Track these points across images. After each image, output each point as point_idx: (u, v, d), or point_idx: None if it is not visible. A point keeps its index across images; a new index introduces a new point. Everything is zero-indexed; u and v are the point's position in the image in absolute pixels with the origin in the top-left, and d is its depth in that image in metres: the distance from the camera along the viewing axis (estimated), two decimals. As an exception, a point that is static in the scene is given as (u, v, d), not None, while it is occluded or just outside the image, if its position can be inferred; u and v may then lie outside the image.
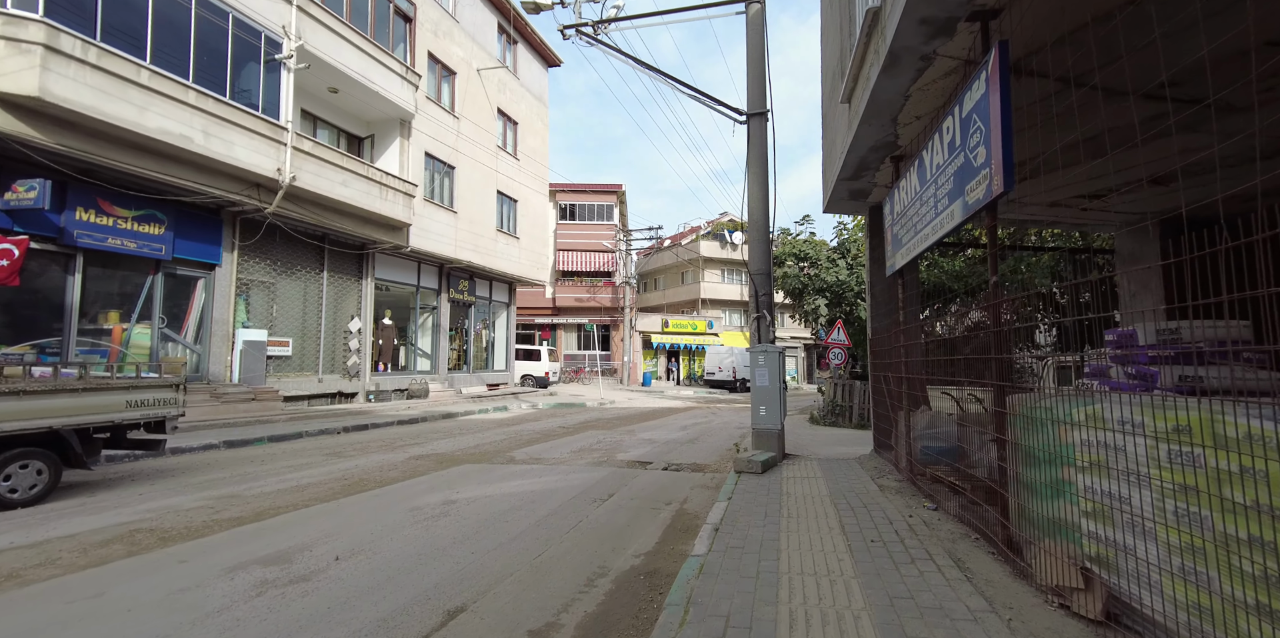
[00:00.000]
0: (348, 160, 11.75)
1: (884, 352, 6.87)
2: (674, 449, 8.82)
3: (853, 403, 14.22)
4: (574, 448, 8.63)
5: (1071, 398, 2.81)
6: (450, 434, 10.15)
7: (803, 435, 11.19)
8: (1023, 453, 3.11)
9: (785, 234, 17.15)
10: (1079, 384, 4.69)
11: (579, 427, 11.66)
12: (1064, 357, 4.49)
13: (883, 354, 6.94)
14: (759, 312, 7.56)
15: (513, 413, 14.53)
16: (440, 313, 16.72)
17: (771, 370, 6.81)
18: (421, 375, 16.21)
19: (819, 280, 15.90)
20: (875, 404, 7.31)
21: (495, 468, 6.97)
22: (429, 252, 15.04)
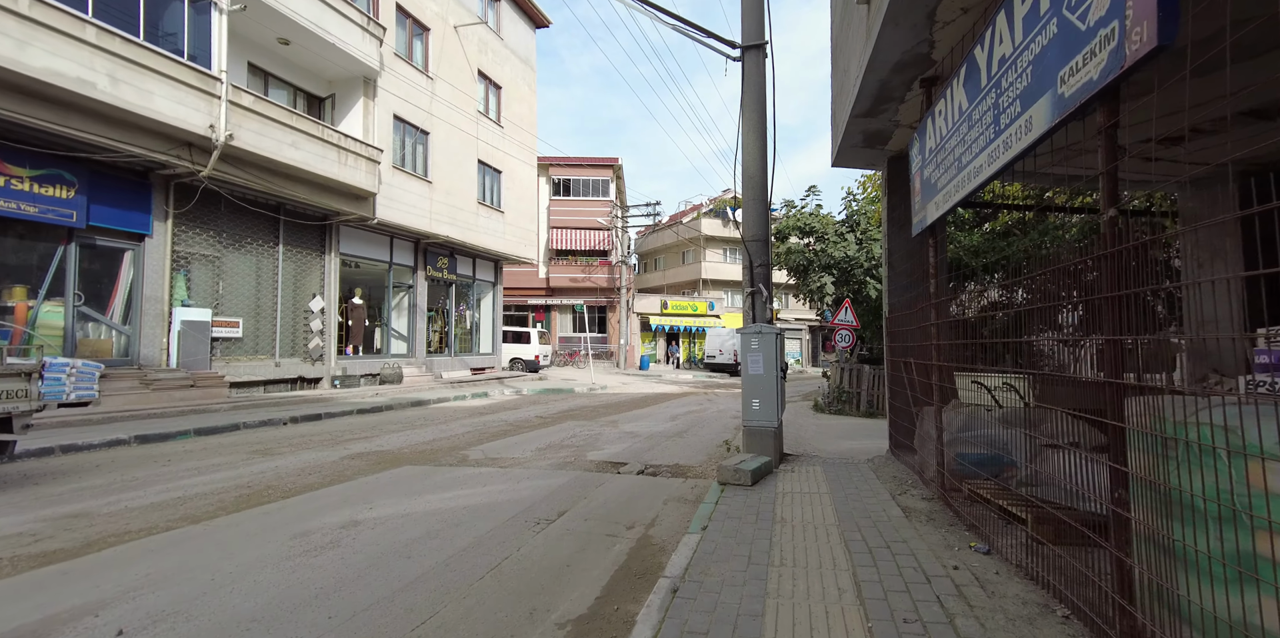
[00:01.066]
0: (297, 119, 10.46)
1: (906, 333, 5.66)
2: (657, 445, 7.71)
3: (860, 389, 13.07)
4: (542, 444, 7.53)
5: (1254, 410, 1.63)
6: (410, 426, 9.07)
7: (805, 427, 10.06)
8: (1158, 495, 1.93)
9: (789, 207, 15.82)
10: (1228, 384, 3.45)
11: (558, 417, 10.57)
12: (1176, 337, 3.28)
13: (904, 335, 5.73)
14: (753, 286, 6.35)
15: (491, 400, 13.45)
16: (416, 292, 15.56)
17: (768, 355, 5.63)
18: (396, 359, 15.12)
19: (825, 256, 14.62)
20: (892, 395, 6.14)
21: (438, 472, 5.87)
22: (400, 225, 13.81)
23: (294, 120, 10.37)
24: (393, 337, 15.61)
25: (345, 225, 13.10)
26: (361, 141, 12.01)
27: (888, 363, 6.20)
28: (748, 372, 5.67)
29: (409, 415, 10.34)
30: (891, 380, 6.03)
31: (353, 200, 12.31)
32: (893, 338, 6.05)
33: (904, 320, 5.74)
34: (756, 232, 6.44)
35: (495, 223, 17.69)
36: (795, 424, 10.35)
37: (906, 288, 6.00)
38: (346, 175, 11.61)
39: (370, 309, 15.89)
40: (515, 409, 11.63)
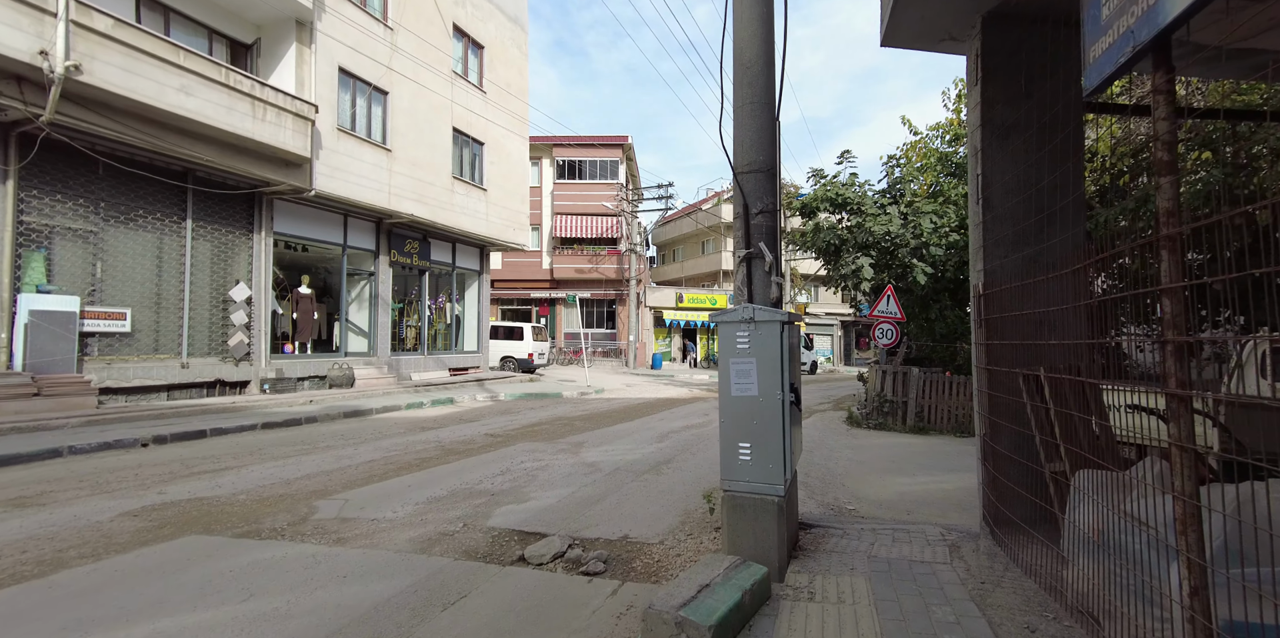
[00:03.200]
0: (186, 57, 8.31)
1: (1025, 321, 3.09)
2: (617, 489, 5.27)
3: (908, 397, 10.39)
4: (444, 490, 5.16)
5: None
6: (309, 449, 6.84)
7: (837, 452, 7.47)
8: None
9: (818, 177, 13.12)
10: None
11: (515, 434, 8.22)
12: None
13: (1021, 326, 3.16)
14: (750, 245, 3.85)
15: (453, 409, 11.20)
16: (379, 280, 13.42)
17: (767, 361, 3.10)
18: (355, 358, 13.02)
19: (862, 233, 11.91)
20: (992, 432, 3.53)
21: (218, 554, 3.56)
22: (349, 199, 11.64)
23: (182, 58, 8.22)
24: (351, 332, 13.52)
25: (279, 199, 10.99)
26: (287, 94, 9.83)
27: (981, 374, 3.60)
28: (729, 392, 3.17)
29: (327, 432, 8.14)
30: (992, 406, 3.45)
31: (282, 167, 10.17)
32: (993, 330, 3.46)
33: (1021, 299, 3.15)
34: (756, 157, 3.92)
35: (475, 202, 15.45)
36: (823, 447, 7.78)
37: (1025, 239, 3.41)
38: (267, 134, 9.45)
39: (324, 300, 13.84)
40: (471, 422, 9.34)
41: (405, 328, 15.05)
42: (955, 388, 10.28)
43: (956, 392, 10.28)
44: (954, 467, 6.94)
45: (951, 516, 4.87)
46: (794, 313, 3.26)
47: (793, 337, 3.28)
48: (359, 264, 13.45)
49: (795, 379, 3.31)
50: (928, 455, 7.66)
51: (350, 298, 13.64)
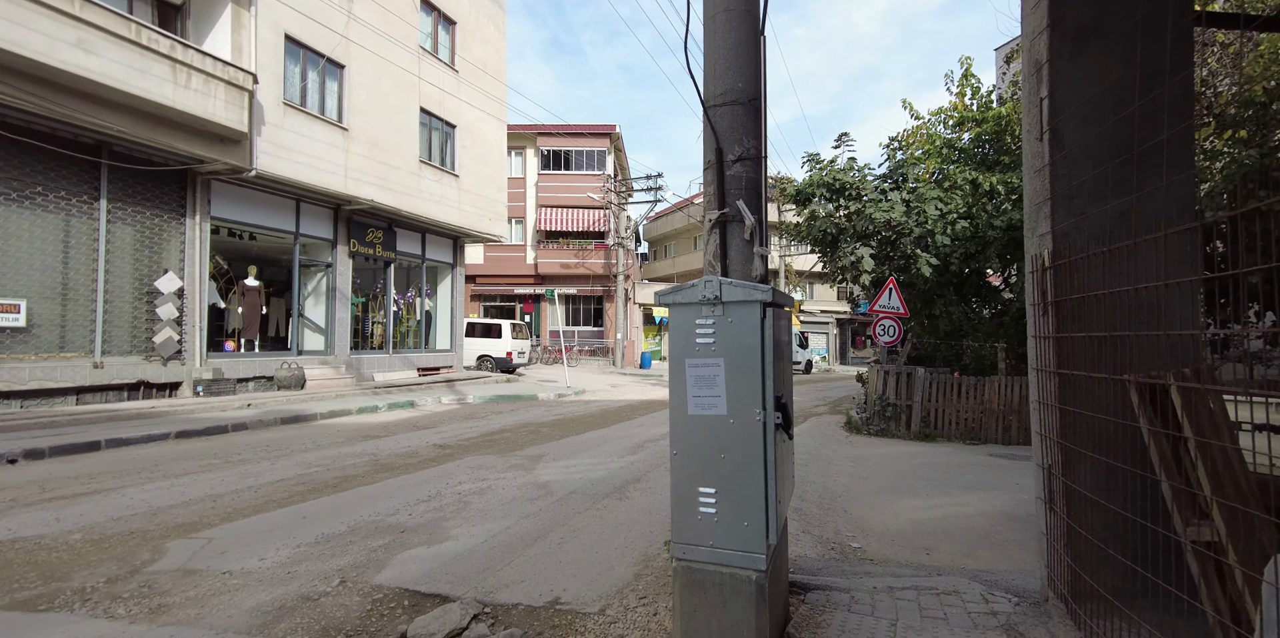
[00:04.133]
0: (81, 5, 7.18)
1: (1125, 305, 2.06)
2: (565, 522, 4.23)
3: (913, 400, 9.40)
4: (349, 522, 4.11)
5: None
6: (203, 467, 5.76)
7: (836, 465, 6.44)
8: None
9: (813, 161, 12.10)
10: None
11: (470, 444, 7.17)
12: None
13: (1111, 312, 2.13)
14: (724, 205, 2.82)
15: (412, 413, 10.13)
16: (336, 272, 12.31)
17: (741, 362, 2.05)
18: (310, 356, 11.92)
19: (862, 220, 10.89)
20: (1066, 469, 2.49)
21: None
22: (298, 181, 10.53)
23: (76, 7, 7.10)
24: (307, 329, 12.42)
25: (217, 180, 9.87)
26: (216, 59, 8.72)
27: (1047, 380, 2.55)
28: (684, 410, 2.10)
29: (251, 442, 7.06)
30: (1066, 426, 2.40)
31: (215, 143, 9.05)
32: (1067, 318, 2.42)
33: (1109, 272, 2.12)
34: (734, 83, 2.89)
35: (446, 189, 14.35)
36: (820, 460, 6.76)
37: (1110, 187, 2.37)
38: (192, 104, 8.34)
39: (285, 295, 12.72)
40: (425, 430, 8.28)
41: (371, 324, 13.96)
42: (965, 391, 9.30)
43: (966, 395, 9.29)
44: (971, 483, 5.94)
45: (982, 556, 3.86)
46: (782, 292, 2.21)
47: (780, 327, 2.24)
48: (315, 254, 12.34)
49: (784, 389, 2.27)
50: (939, 468, 6.65)
51: (307, 291, 12.54)
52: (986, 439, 9.19)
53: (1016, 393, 9.26)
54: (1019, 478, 6.31)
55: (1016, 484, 5.99)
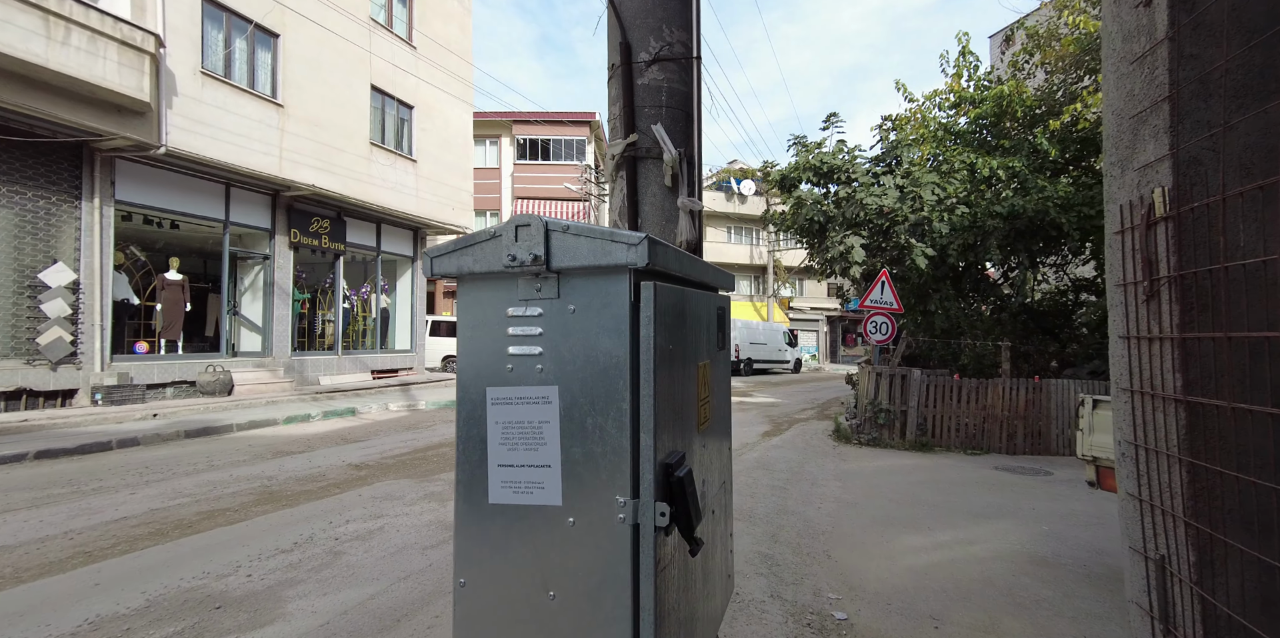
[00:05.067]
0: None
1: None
2: (440, 594, 3.16)
3: (908, 405, 8.42)
4: (154, 592, 3.01)
5: None
6: (41, 500, 4.63)
7: (819, 486, 5.35)
8: None
9: (799, 144, 11.08)
10: None
11: (393, 464, 6.09)
12: None
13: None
14: (632, 129, 1.75)
15: (349, 423, 9.02)
16: (275, 265, 11.14)
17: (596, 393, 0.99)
18: (246, 358, 10.77)
19: (853, 206, 9.89)
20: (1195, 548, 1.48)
21: None
22: (221, 161, 9.36)
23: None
24: (244, 328, 11.26)
25: (122, 158, 8.69)
26: (105, 13, 7.54)
27: (1156, 417, 1.53)
28: (486, 491, 1.06)
29: (133, 462, 5.93)
30: (1195, 497, 1.38)
31: (113, 115, 7.88)
32: (1194, 305, 1.40)
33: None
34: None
35: (402, 175, 13.20)
36: (803, 480, 5.72)
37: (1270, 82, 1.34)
38: (74, 65, 7.17)
39: (214, 289, 11.54)
40: (353, 444, 7.19)
41: (321, 322, 12.81)
42: (966, 395, 8.33)
43: (967, 399, 8.33)
44: (980, 509, 4.94)
45: (1009, 629, 2.84)
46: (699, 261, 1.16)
47: (701, 320, 1.18)
48: (250, 245, 11.17)
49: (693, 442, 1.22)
50: (940, 488, 5.66)
51: (243, 286, 11.37)
52: (989, 448, 8.24)
53: (1022, 396, 8.31)
54: (1033, 500, 5.33)
55: (1032, 510, 5.01)
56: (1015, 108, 11.12)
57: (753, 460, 6.53)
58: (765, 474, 5.86)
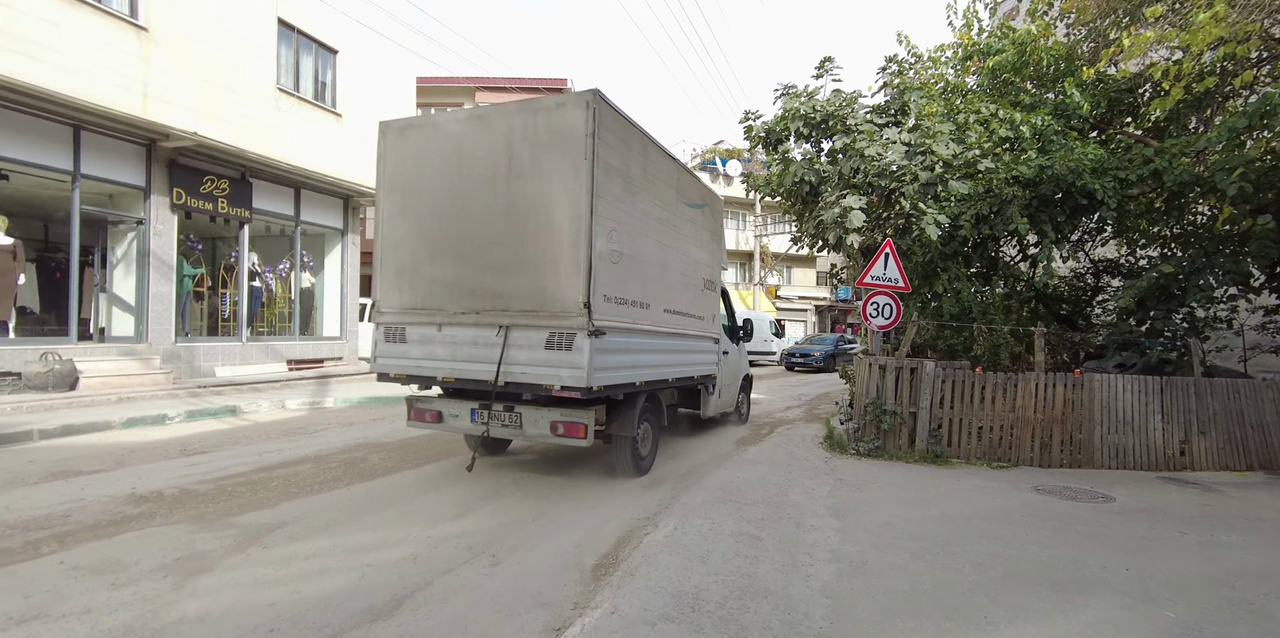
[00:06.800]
0: None
1: None
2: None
3: (919, 406, 6.72)
4: None
5: None
6: None
7: (806, 528, 3.45)
8: None
9: (787, 93, 9.22)
10: None
11: (208, 494, 4.24)
12: None
13: None
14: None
15: (221, 425, 7.14)
16: (151, 231, 9.14)
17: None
18: (115, 344, 8.81)
19: (852, 159, 8.09)
20: None
21: None
22: (49, 91, 7.34)
23: None
24: (117, 308, 9.27)
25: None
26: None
27: None
28: None
29: None
30: None
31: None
32: None
33: None
34: None
35: (322, 130, 11.19)
36: (785, 518, 3.88)
37: None
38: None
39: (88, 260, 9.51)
40: (193, 456, 5.36)
41: (225, 302, 10.84)
42: (991, 393, 6.64)
43: (991, 398, 6.65)
44: (1046, 572, 3.20)
45: None
46: None
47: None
48: (120, 206, 9.16)
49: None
50: (975, 526, 3.93)
51: (116, 258, 9.36)
52: (1018, 460, 6.58)
53: (1060, 395, 6.64)
54: (1114, 549, 3.62)
55: (1125, 572, 3.31)
56: (1040, 56, 9.37)
57: (717, 486, 4.77)
58: (731, 511, 4.11)
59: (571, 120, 4.20)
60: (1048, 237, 8.29)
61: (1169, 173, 7.40)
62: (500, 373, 4.32)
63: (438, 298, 4.65)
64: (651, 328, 5.14)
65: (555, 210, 4.23)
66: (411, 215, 4.77)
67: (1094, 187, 7.46)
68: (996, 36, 9.67)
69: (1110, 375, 6.75)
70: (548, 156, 4.27)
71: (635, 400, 5.03)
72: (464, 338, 4.55)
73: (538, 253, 4.30)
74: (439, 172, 4.65)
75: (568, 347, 4.17)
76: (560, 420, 4.47)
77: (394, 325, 4.83)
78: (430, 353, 4.67)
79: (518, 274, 4.37)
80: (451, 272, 4.60)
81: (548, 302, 4.26)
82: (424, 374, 4.73)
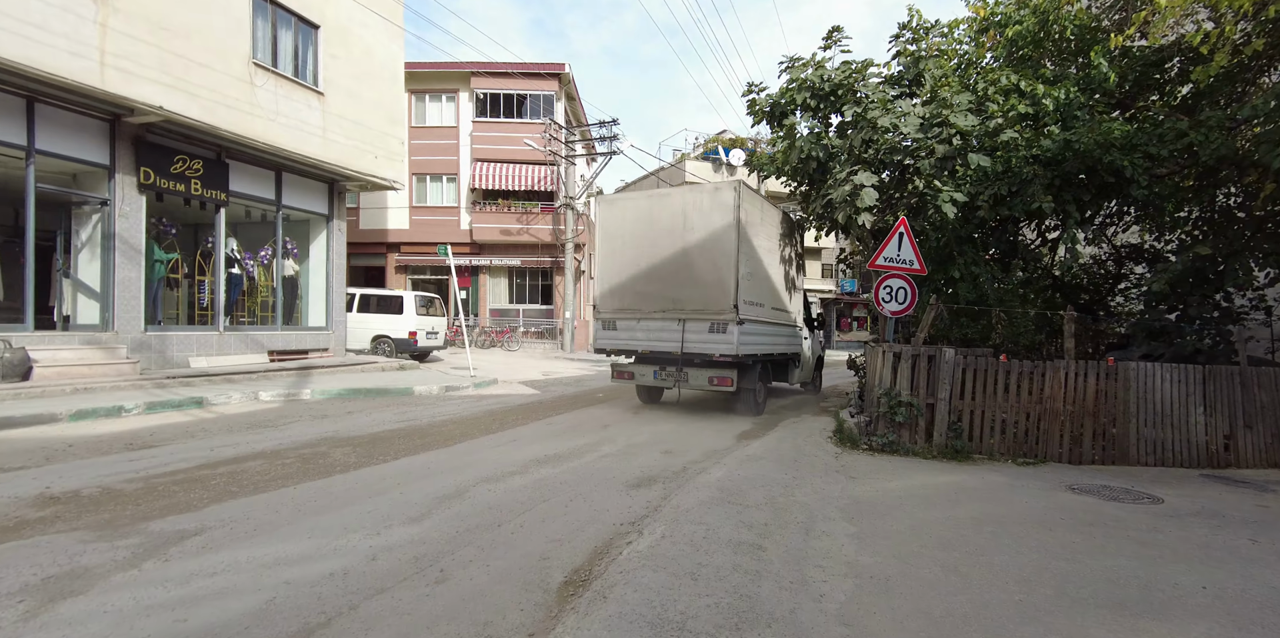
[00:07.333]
0: None
1: None
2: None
3: (936, 398, 6.15)
4: None
5: None
6: None
7: (817, 533, 2.88)
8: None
9: (792, 66, 8.58)
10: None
11: (125, 494, 3.73)
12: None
13: None
14: None
15: (189, 416, 6.63)
16: (116, 213, 8.62)
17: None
18: (75, 332, 8.32)
19: (863, 131, 7.47)
20: None
21: None
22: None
23: None
24: (83, 294, 8.76)
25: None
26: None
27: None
28: None
29: None
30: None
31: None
32: None
33: None
34: None
35: (303, 109, 10.62)
36: (792, 522, 3.31)
37: None
38: None
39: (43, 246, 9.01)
40: (140, 451, 4.89)
41: (204, 290, 10.32)
42: (1017, 382, 6.06)
43: (1017, 389, 6.07)
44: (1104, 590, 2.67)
45: None
46: None
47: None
48: (85, 186, 8.65)
49: None
50: (1010, 531, 3.38)
51: (81, 241, 8.85)
52: (1046, 456, 6.02)
53: (1092, 385, 6.07)
54: (1176, 561, 3.06)
55: (1203, 590, 2.75)
56: (1063, 24, 8.73)
57: (714, 485, 4.22)
58: (730, 515, 3.56)
59: (726, 197, 7.15)
60: (1072, 217, 7.67)
61: (1205, 148, 6.79)
62: (683, 346, 7.20)
63: (637, 303, 7.67)
64: (767, 320, 7.99)
65: (714, 250, 7.14)
66: (619, 253, 7.85)
67: (1123, 163, 6.85)
68: (1015, 5, 9.02)
69: (1148, 364, 6.16)
70: (709, 218, 7.22)
71: (756, 366, 7.77)
72: (654, 327, 7.50)
73: (702, 275, 7.19)
74: (636, 226, 7.75)
75: (723, 331, 7.01)
76: (715, 376, 7.30)
77: (608, 320, 7.92)
78: (632, 336, 7.69)
79: (689, 288, 7.28)
80: (646, 287, 7.60)
81: (709, 305, 7.12)
82: (628, 348, 7.77)
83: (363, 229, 21.05)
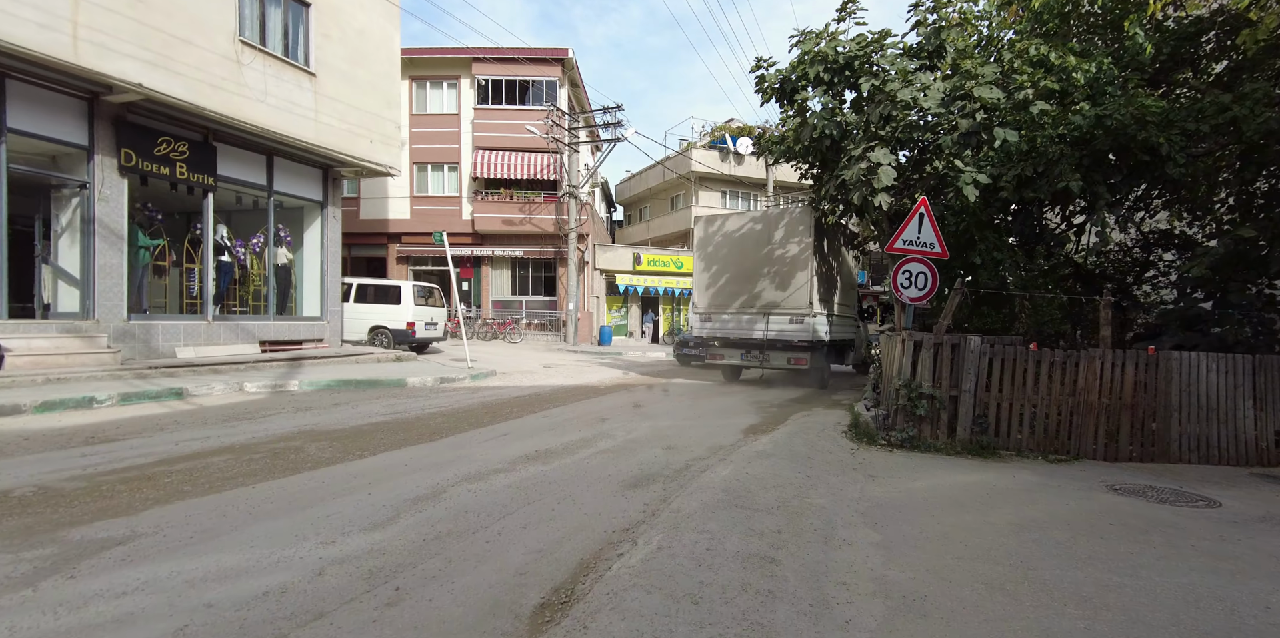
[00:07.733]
0: None
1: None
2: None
3: (960, 389, 5.67)
4: None
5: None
6: None
7: (837, 542, 2.37)
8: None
9: (804, 39, 8.04)
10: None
11: (62, 494, 3.33)
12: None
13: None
14: None
15: (166, 408, 6.28)
16: (96, 196, 8.26)
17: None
18: (58, 321, 7.99)
19: (881, 105, 6.95)
20: None
21: None
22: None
23: None
24: (63, 281, 8.43)
25: None
26: None
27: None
28: None
29: None
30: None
31: None
32: None
33: None
34: None
35: (294, 90, 10.21)
36: (807, 528, 2.85)
37: None
38: None
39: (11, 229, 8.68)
40: (97, 446, 4.53)
41: (194, 278, 9.98)
42: (1048, 373, 5.59)
43: (1047, 380, 5.60)
44: (1184, 615, 2.19)
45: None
46: None
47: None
48: (64, 168, 8.30)
49: None
50: (1052, 537, 2.94)
51: (61, 226, 8.51)
52: (1079, 453, 5.55)
53: (1130, 376, 5.58)
54: (1258, 578, 2.60)
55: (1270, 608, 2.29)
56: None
57: (720, 486, 3.79)
58: (737, 520, 3.14)
59: (805, 218, 9.22)
60: (1102, 198, 7.13)
61: (1249, 122, 6.23)
62: (767, 334, 9.40)
63: (729, 301, 9.89)
64: (832, 313, 9.86)
65: (794, 260, 9.28)
66: (716, 262, 10.02)
67: (1158, 141, 6.31)
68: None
69: (1193, 354, 5.66)
70: (791, 235, 9.34)
71: (823, 349, 9.59)
72: (744, 319, 9.68)
73: (784, 280, 9.34)
74: (731, 241, 9.91)
75: (800, 322, 9.17)
76: (793, 357, 9.42)
77: (705, 314, 10.11)
78: (724, 326, 9.89)
79: (773, 291, 9.44)
80: (737, 289, 9.79)
81: (789, 302, 9.30)
82: (720, 336, 9.93)
83: (363, 219, 20.69)
